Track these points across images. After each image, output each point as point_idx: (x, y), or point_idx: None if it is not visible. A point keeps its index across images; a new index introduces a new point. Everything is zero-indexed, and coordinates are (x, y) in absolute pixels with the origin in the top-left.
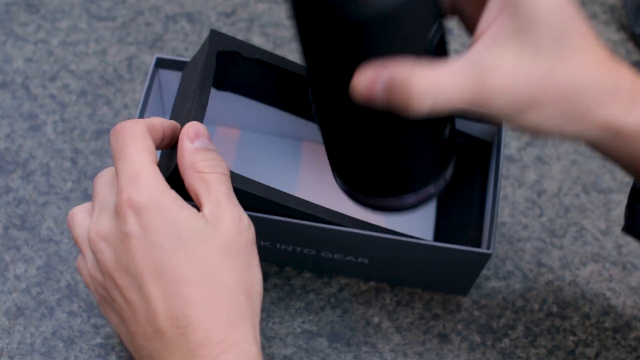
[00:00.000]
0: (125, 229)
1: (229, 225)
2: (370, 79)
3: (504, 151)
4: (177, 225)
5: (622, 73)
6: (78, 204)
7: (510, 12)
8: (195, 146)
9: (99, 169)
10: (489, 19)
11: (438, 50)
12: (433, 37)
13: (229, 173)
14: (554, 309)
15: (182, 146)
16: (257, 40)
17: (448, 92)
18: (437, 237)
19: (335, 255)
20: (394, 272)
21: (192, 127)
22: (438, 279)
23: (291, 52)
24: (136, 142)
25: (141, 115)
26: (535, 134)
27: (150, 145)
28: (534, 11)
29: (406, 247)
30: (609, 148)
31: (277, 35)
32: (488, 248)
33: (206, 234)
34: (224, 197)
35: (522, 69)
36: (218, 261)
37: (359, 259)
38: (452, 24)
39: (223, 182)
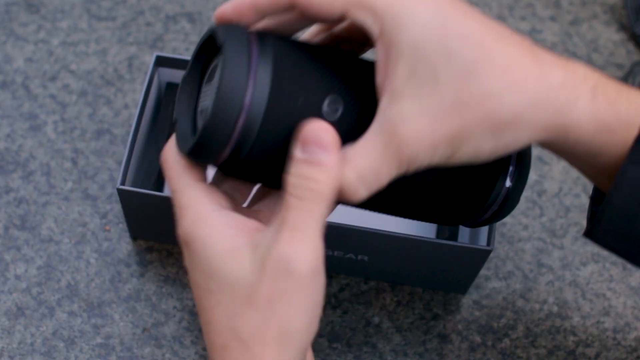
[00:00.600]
0: (184, 260)
1: (267, 268)
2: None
3: None
4: (209, 264)
5: (545, 66)
6: (78, 204)
7: (395, 58)
8: (298, 155)
9: (100, 169)
10: (380, 74)
11: (350, 120)
12: (329, 113)
13: (323, 199)
14: (554, 309)
15: (293, 147)
16: None
17: (372, 170)
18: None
19: (336, 253)
20: (394, 270)
21: (306, 129)
22: (438, 276)
23: None
24: (172, 172)
25: (141, 113)
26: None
27: (186, 164)
28: (418, 40)
29: (406, 244)
30: (566, 150)
31: None
32: (488, 245)
33: (235, 276)
34: (287, 228)
35: (428, 111)
36: (239, 308)
37: (359, 257)
38: None
39: (300, 209)
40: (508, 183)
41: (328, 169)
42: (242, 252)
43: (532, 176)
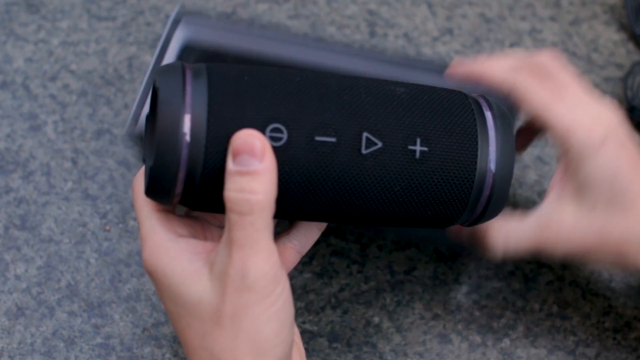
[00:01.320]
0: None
1: (225, 287)
2: (456, 229)
3: None
4: (172, 290)
5: None
6: (78, 204)
7: (571, 175)
8: (231, 167)
9: (100, 169)
10: (556, 178)
11: (297, 146)
12: (273, 140)
13: (264, 209)
14: (554, 309)
15: (227, 162)
16: None
17: (517, 238)
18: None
19: None
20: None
21: (236, 139)
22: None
23: None
24: (136, 203)
25: (137, 113)
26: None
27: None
28: (590, 176)
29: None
30: None
31: None
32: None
33: (198, 299)
34: (236, 247)
35: (581, 223)
36: (208, 328)
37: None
38: (453, 24)
39: (243, 225)
40: (492, 165)
41: (263, 176)
42: (201, 273)
43: (532, 176)
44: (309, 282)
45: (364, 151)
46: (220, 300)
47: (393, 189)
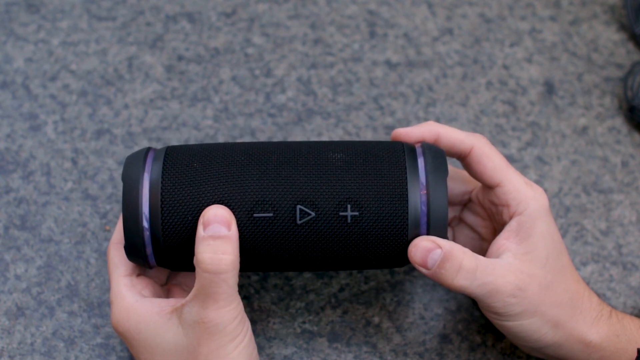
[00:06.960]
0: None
1: (201, 333)
2: (426, 250)
3: (504, 151)
4: (148, 341)
5: (591, 293)
6: (78, 204)
7: (521, 238)
8: (203, 234)
9: (100, 169)
10: (507, 238)
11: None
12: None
13: (234, 267)
14: None
15: (197, 231)
16: (258, 40)
17: (482, 277)
18: None
19: None
20: None
21: (206, 213)
22: None
23: (292, 51)
24: (108, 266)
25: None
26: (528, 342)
27: (118, 259)
28: (537, 241)
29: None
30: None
31: (277, 35)
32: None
33: (174, 344)
34: (211, 300)
35: (517, 284)
36: None
37: None
38: (453, 24)
39: (218, 283)
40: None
41: (232, 240)
42: (171, 322)
43: (533, 176)
44: (309, 282)
45: (298, 222)
46: (196, 344)
47: (331, 250)
